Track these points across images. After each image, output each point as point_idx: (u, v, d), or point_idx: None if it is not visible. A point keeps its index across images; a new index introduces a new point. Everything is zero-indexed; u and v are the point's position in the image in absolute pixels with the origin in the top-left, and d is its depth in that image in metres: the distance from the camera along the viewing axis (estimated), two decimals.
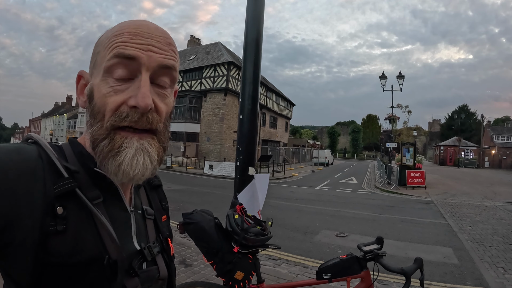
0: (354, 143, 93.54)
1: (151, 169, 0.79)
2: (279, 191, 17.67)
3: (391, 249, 7.42)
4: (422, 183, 19.89)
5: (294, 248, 7.19)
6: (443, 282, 5.67)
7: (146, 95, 0.74)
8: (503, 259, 6.80)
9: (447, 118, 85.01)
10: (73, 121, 71.96)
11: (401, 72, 23.59)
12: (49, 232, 0.69)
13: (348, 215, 11.52)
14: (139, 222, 0.93)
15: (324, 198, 15.65)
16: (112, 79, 0.76)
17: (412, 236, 8.71)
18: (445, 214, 11.98)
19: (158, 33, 0.80)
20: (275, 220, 9.61)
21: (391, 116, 25.94)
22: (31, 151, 0.75)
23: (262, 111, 41.63)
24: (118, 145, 0.75)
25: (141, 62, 0.76)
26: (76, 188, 0.75)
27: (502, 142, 56.83)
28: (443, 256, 7.00)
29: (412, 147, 21.63)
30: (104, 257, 0.75)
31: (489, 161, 54.40)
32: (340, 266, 2.48)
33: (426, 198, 16.12)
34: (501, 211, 12.89)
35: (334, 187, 20.07)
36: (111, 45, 0.77)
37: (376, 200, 15.61)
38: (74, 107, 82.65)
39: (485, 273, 6.04)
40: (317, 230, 8.94)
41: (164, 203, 1.11)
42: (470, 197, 16.80)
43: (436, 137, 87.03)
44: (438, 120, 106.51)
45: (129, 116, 0.75)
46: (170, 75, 0.82)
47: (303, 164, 44.88)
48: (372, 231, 9.14)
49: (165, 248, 0.98)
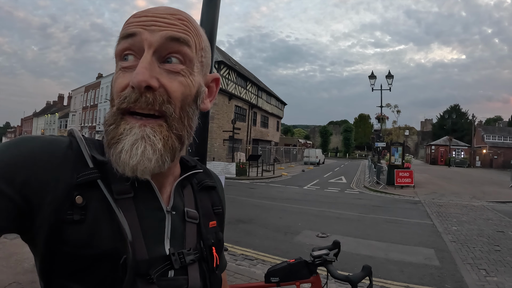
0: (346, 143, 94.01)
1: (155, 160, 0.71)
2: (266, 190, 17.62)
3: (371, 250, 7.38)
4: (411, 182, 19.93)
5: (272, 248, 7.13)
6: (421, 284, 5.60)
7: (140, 71, 0.68)
8: (486, 261, 6.71)
9: (439, 117, 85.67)
10: (64, 120, 71.20)
11: (390, 72, 23.47)
12: (65, 220, 0.67)
13: (332, 215, 11.45)
14: (176, 225, 0.84)
15: (310, 198, 15.59)
16: (120, 62, 0.74)
17: (395, 236, 8.64)
18: (431, 214, 11.94)
19: (167, 11, 0.76)
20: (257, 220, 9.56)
21: (380, 116, 25.93)
22: (63, 142, 0.75)
23: (253, 111, 41.66)
24: (120, 132, 0.71)
25: (143, 38, 0.71)
26: (98, 180, 0.72)
27: (493, 142, 57.17)
28: (424, 258, 6.92)
29: (401, 147, 21.64)
30: (121, 256, 0.69)
31: (480, 160, 54.70)
32: (288, 270, 2.41)
33: (414, 198, 16.11)
34: (489, 211, 12.85)
35: (322, 187, 20.02)
36: (121, 32, 0.75)
37: (363, 200, 15.57)
38: (65, 106, 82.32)
39: (466, 276, 5.95)
40: (299, 231, 8.86)
41: (217, 208, 1.00)
42: (458, 196, 16.78)
43: (428, 136, 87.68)
44: (430, 120, 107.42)
45: (127, 98, 0.70)
46: (181, 51, 0.75)
47: (294, 164, 44.84)
48: (355, 231, 9.08)
49: (205, 258, 0.88)
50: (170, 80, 0.73)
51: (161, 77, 0.72)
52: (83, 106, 59.11)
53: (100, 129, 51.03)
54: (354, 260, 6.47)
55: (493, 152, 54.53)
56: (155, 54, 0.72)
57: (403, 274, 6.03)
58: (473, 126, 61.49)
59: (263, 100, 45.80)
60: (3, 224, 0.64)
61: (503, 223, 10.53)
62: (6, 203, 0.64)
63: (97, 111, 53.18)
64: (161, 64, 0.73)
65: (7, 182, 0.64)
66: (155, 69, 0.71)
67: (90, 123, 55.49)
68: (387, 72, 23.52)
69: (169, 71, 0.74)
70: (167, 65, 0.74)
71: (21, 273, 4.77)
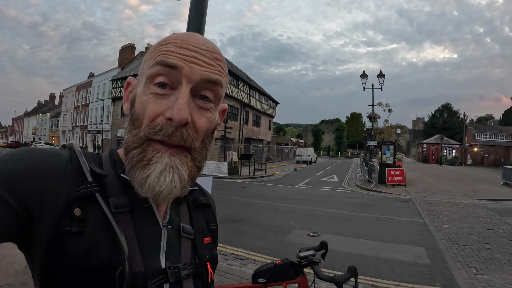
0: (338, 141, 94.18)
1: (179, 188, 0.75)
2: (258, 189, 17.59)
3: (362, 248, 7.38)
4: (402, 181, 19.97)
5: (263, 248, 7.11)
6: (411, 283, 5.60)
7: (182, 107, 0.72)
8: (476, 259, 6.73)
9: (430, 116, 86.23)
10: (56, 120, 70.71)
11: (381, 71, 23.51)
12: (64, 232, 0.69)
13: (324, 214, 11.44)
14: (172, 240, 0.86)
15: (302, 196, 15.58)
16: (153, 86, 0.75)
17: (386, 235, 8.64)
18: (422, 212, 11.97)
19: (206, 47, 0.78)
20: (249, 219, 9.54)
21: (371, 115, 26.02)
22: (63, 156, 0.77)
23: (245, 110, 41.62)
24: (149, 158, 0.73)
25: (183, 73, 0.74)
26: (97, 193, 0.74)
27: (484, 140, 57.54)
28: (414, 256, 6.93)
29: (392, 145, 21.71)
30: (117, 268, 0.70)
31: (471, 158, 55.05)
32: (274, 271, 2.42)
33: (405, 196, 16.15)
34: (479, 209, 12.91)
35: (314, 186, 20.03)
36: (156, 53, 0.77)
37: (354, 198, 15.59)
38: (57, 105, 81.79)
39: (456, 274, 5.96)
40: (290, 230, 8.83)
41: (211, 225, 1.03)
42: (450, 195, 16.85)
43: (419, 135, 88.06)
44: (422, 118, 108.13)
45: (162, 130, 0.72)
46: (214, 90, 0.79)
47: (286, 162, 44.91)
48: (346, 230, 9.08)
49: (200, 273, 0.89)
50: (199, 116, 0.77)
51: (192, 112, 0.75)
52: (74, 106, 58.77)
53: (92, 128, 50.74)
54: (345, 259, 6.45)
55: (484, 150, 54.90)
56: (191, 89, 0.75)
57: (394, 272, 6.03)
58: (464, 125, 61.86)
59: (255, 99, 45.76)
60: (3, 232, 0.66)
61: (494, 221, 10.58)
62: (7, 212, 0.65)
63: (88, 110, 52.85)
64: (193, 98, 0.76)
65: (9, 192, 0.66)
66: (190, 104, 0.75)
67: (81, 122, 55.12)
68: (379, 71, 23.59)
69: (200, 107, 0.77)
70: (199, 101, 0.77)
71: (12, 275, 4.73)
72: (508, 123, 59.13)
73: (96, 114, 50.40)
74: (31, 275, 0.77)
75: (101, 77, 50.63)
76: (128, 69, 43.46)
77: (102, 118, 47.34)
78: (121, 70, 45.66)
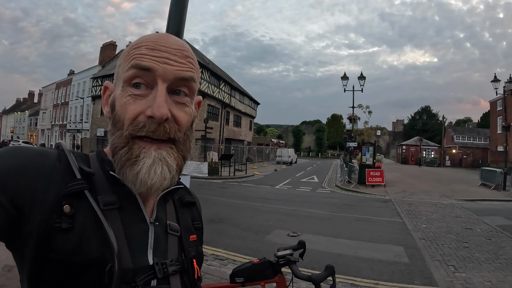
0: (319, 142, 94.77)
1: (169, 178, 0.79)
2: (238, 190, 17.52)
3: (342, 248, 7.39)
4: (382, 181, 20.16)
5: (243, 248, 7.07)
6: (391, 281, 5.62)
7: (161, 105, 0.75)
8: (454, 257, 6.80)
9: (410, 118, 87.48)
10: (34, 118, 69.22)
11: (362, 74, 23.71)
12: (53, 228, 0.70)
13: (304, 214, 11.43)
14: (159, 236, 0.88)
15: (282, 197, 15.56)
16: (130, 88, 0.79)
17: (365, 235, 8.67)
18: (401, 212, 12.08)
19: (176, 46, 0.82)
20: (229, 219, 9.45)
21: (352, 116, 26.23)
22: (52, 154, 0.79)
23: (225, 110, 41.51)
24: (136, 155, 0.77)
25: (157, 74, 0.77)
26: (86, 190, 0.76)
27: (463, 142, 58.60)
28: (394, 255, 6.95)
29: (372, 147, 21.90)
30: (107, 264, 0.72)
31: (450, 160, 55.92)
32: (252, 270, 2.43)
33: (385, 197, 16.29)
34: (457, 209, 13.10)
35: (294, 186, 20.04)
36: (130, 57, 0.80)
37: (334, 199, 15.64)
38: (36, 103, 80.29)
39: (435, 272, 6.01)
40: (270, 230, 8.79)
41: (196, 223, 1.06)
42: (428, 195, 17.05)
43: (399, 136, 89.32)
44: (402, 121, 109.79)
45: (146, 126, 0.76)
46: (188, 86, 0.83)
47: (266, 163, 44.94)
48: (325, 230, 9.08)
49: (186, 269, 0.91)
50: (178, 110, 0.80)
51: (171, 107, 0.79)
52: (53, 104, 57.42)
53: (71, 127, 49.81)
54: (324, 258, 6.41)
55: (462, 152, 55.82)
56: (167, 87, 0.79)
57: (373, 271, 6.04)
58: (443, 127, 63.07)
59: (236, 99, 45.67)
60: None
61: (472, 221, 10.73)
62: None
63: (68, 109, 51.71)
64: (170, 95, 0.80)
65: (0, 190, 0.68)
66: (168, 100, 0.78)
67: (60, 121, 53.87)
68: (360, 73, 23.78)
69: (177, 102, 0.81)
70: (175, 97, 0.81)
71: None
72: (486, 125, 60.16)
73: (76, 112, 49.38)
74: (7, 276, 0.71)
75: (82, 75, 49.64)
76: (109, 67, 42.71)
77: (81, 116, 46.42)
78: (101, 68, 44.93)
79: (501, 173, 19.75)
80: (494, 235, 8.79)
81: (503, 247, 7.69)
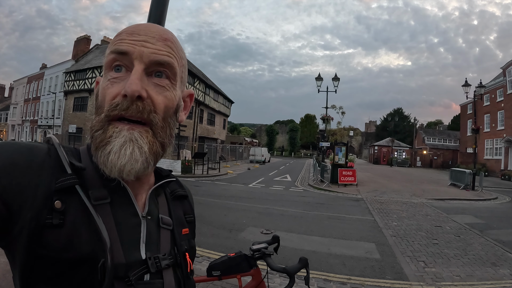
0: (292, 142, 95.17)
1: (141, 161, 0.76)
2: (211, 188, 17.42)
3: (315, 245, 7.44)
4: (354, 181, 20.46)
5: (217, 245, 7.04)
6: (362, 276, 5.72)
7: (133, 81, 0.74)
8: (424, 253, 6.98)
9: (382, 120, 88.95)
10: (4, 113, 66.49)
11: (336, 75, 23.89)
12: (45, 224, 0.69)
13: (277, 212, 11.47)
14: (151, 231, 0.87)
15: (255, 195, 15.56)
16: (111, 73, 0.79)
17: (337, 232, 8.78)
18: (373, 210, 12.27)
19: (155, 30, 0.82)
20: (202, 217, 9.35)
21: (325, 117, 26.44)
22: (42, 149, 0.77)
23: (199, 108, 41.29)
24: (109, 135, 0.75)
25: (133, 57, 0.77)
26: (77, 185, 0.75)
27: (433, 144, 60.24)
28: (365, 252, 7.07)
29: (345, 147, 22.16)
30: (99, 259, 0.71)
31: (421, 161, 57.04)
32: (228, 263, 2.47)
33: (357, 196, 16.49)
34: (427, 207, 13.44)
35: (268, 185, 20.06)
36: (111, 44, 0.81)
37: (307, 197, 15.73)
38: (6, 97, 77.52)
39: (406, 267, 6.15)
40: (243, 228, 8.78)
41: (189, 216, 1.04)
42: (399, 194, 17.39)
43: (371, 137, 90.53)
44: (374, 122, 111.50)
45: (119, 105, 0.75)
46: (168, 70, 0.82)
47: (239, 162, 44.86)
48: (298, 228, 9.13)
49: (179, 263, 0.90)
50: (156, 93, 0.79)
51: (149, 89, 0.78)
52: (25, 98, 55.26)
53: (42, 123, 48.36)
54: (297, 255, 6.36)
55: (433, 153, 57.01)
56: (144, 69, 0.78)
57: (345, 267, 6.12)
58: (415, 129, 64.51)
59: (210, 97, 45.48)
60: None
61: (441, 219, 11.04)
62: None
63: (39, 104, 49.87)
64: (148, 77, 0.79)
65: None
66: (145, 81, 0.77)
67: (31, 116, 51.82)
68: (334, 74, 23.96)
69: (156, 84, 0.80)
70: (155, 79, 0.80)
71: None
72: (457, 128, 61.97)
73: (48, 108, 47.58)
74: None
75: (54, 69, 47.87)
76: (83, 62, 41.49)
77: (53, 112, 44.97)
78: (75, 63, 43.45)
79: (470, 173, 20.37)
80: (462, 233, 9.05)
81: (471, 243, 7.92)
